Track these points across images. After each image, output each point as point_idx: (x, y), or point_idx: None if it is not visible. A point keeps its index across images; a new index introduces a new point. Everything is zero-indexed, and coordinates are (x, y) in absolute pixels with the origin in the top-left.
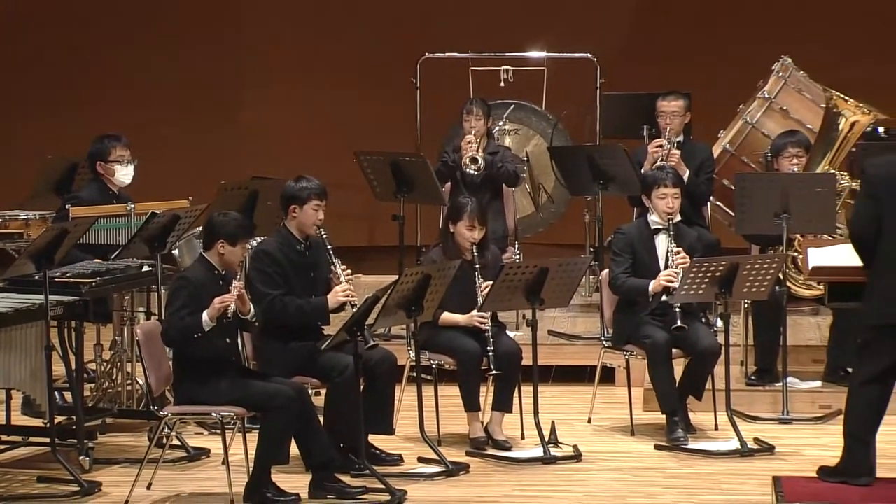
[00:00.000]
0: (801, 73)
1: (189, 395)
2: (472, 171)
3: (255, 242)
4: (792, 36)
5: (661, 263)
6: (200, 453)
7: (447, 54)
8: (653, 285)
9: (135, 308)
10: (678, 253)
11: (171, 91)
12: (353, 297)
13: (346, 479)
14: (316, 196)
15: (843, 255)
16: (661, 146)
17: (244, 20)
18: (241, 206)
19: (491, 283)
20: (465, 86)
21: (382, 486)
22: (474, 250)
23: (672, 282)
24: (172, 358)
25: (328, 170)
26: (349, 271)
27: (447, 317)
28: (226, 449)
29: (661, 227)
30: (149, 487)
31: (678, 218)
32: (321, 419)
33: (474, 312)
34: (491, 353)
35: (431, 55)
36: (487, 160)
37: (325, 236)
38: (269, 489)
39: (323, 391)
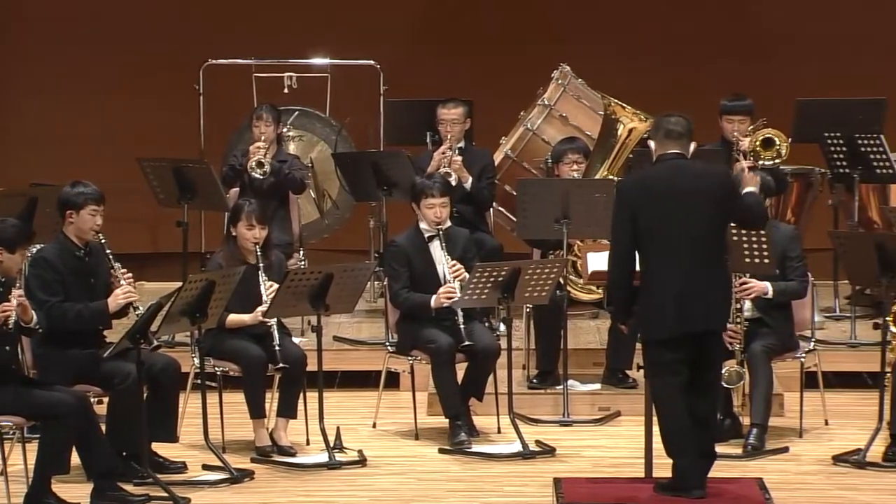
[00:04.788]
0: (580, 80)
1: None
2: (258, 176)
3: (34, 249)
4: (572, 43)
5: (439, 269)
6: None
7: (230, 60)
8: (434, 301)
9: None
10: (453, 266)
11: None
12: (134, 298)
13: (128, 487)
14: (93, 201)
15: None
16: (444, 153)
17: (16, 27)
18: (19, 213)
19: (276, 285)
20: (248, 92)
21: (166, 494)
22: (258, 251)
23: (451, 297)
24: None
25: (110, 176)
26: (130, 274)
27: (233, 318)
28: (4, 459)
29: (432, 234)
30: None
31: (448, 224)
32: (103, 427)
33: (259, 309)
34: (277, 348)
35: (214, 61)
36: (275, 166)
37: (103, 241)
38: (49, 499)
39: (105, 399)
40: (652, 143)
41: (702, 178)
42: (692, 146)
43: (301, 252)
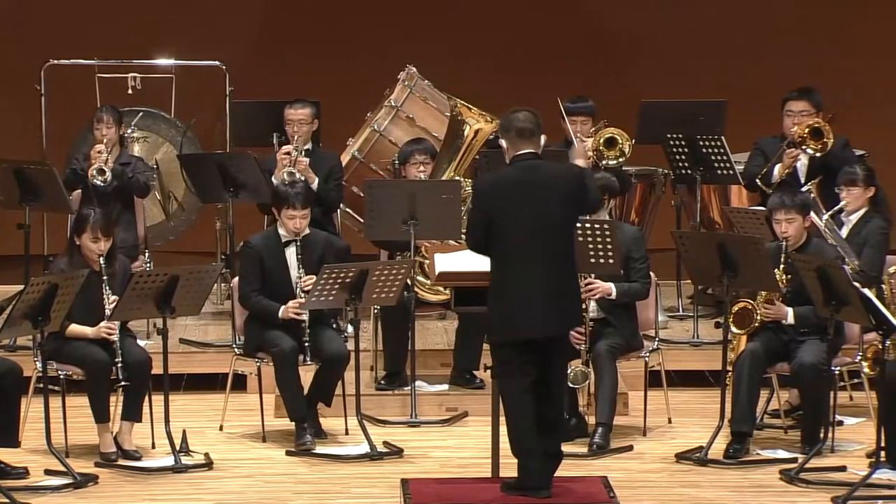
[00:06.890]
0: (426, 81)
1: None
2: (99, 183)
3: None
4: (418, 44)
5: (293, 274)
6: None
7: (72, 61)
8: (282, 313)
9: None
10: (306, 281)
11: None
12: None
13: None
14: None
15: (468, 261)
16: (288, 153)
17: None
18: None
19: (118, 297)
20: (91, 93)
21: (7, 500)
22: (102, 262)
23: (300, 314)
24: None
25: None
26: None
27: (75, 329)
28: None
29: (290, 239)
30: None
31: (307, 231)
32: None
33: (102, 323)
34: (119, 364)
35: (56, 61)
36: (118, 170)
37: None
38: None
39: None
40: (503, 143)
41: (556, 179)
42: (543, 139)
43: (147, 254)
